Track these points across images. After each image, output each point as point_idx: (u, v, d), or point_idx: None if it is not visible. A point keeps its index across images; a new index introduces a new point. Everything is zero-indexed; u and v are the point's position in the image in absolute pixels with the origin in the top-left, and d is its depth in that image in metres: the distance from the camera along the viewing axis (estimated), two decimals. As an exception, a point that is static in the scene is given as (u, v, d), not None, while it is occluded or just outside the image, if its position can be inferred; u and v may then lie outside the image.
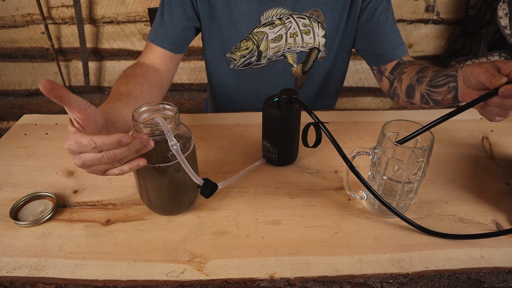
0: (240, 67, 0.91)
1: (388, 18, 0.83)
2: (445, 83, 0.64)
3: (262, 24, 0.84)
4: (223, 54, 0.90)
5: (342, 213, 0.59)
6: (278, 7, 0.82)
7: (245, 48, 0.87)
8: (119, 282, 0.48)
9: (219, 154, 0.73)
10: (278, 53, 0.88)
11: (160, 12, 0.83)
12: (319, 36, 0.86)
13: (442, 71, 0.67)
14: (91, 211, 0.60)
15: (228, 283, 0.48)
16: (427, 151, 0.50)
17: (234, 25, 0.84)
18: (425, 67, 0.74)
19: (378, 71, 0.87)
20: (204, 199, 0.61)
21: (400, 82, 0.79)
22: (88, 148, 0.44)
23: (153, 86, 0.73)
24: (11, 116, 1.84)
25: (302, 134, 0.64)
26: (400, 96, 0.80)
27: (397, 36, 0.84)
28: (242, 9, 0.82)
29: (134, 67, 0.76)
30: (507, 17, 1.36)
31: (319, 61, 0.91)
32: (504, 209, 0.60)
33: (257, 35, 0.85)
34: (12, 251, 0.52)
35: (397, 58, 0.83)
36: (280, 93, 0.62)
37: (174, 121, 0.50)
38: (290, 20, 0.84)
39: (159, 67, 0.82)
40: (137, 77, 0.71)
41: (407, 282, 0.48)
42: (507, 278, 0.49)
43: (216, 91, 1.01)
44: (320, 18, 0.84)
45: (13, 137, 0.78)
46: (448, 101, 0.66)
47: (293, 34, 0.85)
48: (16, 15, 1.52)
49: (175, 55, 0.84)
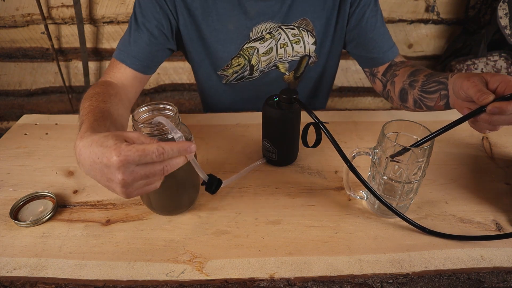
0: (233, 82, 0.90)
1: (377, 22, 0.82)
2: (437, 90, 0.65)
3: (252, 40, 0.83)
4: (214, 73, 0.89)
5: (342, 213, 0.59)
6: (267, 21, 0.81)
7: (237, 65, 0.86)
8: (119, 282, 0.48)
9: (219, 154, 0.73)
10: (269, 65, 0.87)
11: (132, 30, 0.77)
12: (309, 44, 0.86)
13: (433, 76, 0.68)
14: (91, 211, 0.60)
15: (228, 283, 0.48)
16: (427, 151, 0.50)
17: (223, 44, 0.83)
18: (416, 69, 0.74)
19: (371, 73, 0.87)
20: (204, 199, 0.61)
21: (393, 85, 0.79)
22: (153, 155, 0.40)
23: (126, 108, 0.68)
24: (11, 116, 1.83)
25: (302, 134, 0.64)
26: (394, 99, 0.80)
27: (387, 39, 0.83)
28: (230, 27, 0.81)
29: (105, 86, 0.68)
30: (507, 17, 1.36)
31: (310, 66, 0.90)
32: (504, 209, 0.60)
33: (247, 50, 0.84)
34: (12, 251, 0.52)
35: (389, 61, 0.83)
36: (280, 93, 0.62)
37: (174, 121, 0.50)
38: (280, 32, 0.83)
39: (128, 88, 0.75)
40: (111, 96, 0.63)
41: (407, 282, 0.48)
42: (507, 278, 0.49)
43: (209, 104, 1.00)
44: (309, 26, 0.84)
45: (13, 137, 0.78)
46: (440, 107, 0.66)
47: (283, 45, 0.84)
48: (16, 15, 1.52)
49: (145, 76, 0.79)
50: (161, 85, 1.72)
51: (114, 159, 0.40)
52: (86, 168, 0.44)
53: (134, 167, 0.41)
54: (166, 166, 0.42)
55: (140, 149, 0.40)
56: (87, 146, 0.43)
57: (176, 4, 0.77)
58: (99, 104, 0.58)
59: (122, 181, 0.41)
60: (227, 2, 0.79)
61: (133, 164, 0.40)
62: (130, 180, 0.41)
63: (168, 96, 1.77)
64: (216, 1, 0.78)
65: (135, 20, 0.77)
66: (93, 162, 0.42)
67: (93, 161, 0.42)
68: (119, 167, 0.40)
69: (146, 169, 0.41)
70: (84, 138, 0.45)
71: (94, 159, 0.42)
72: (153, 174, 0.42)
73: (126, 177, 0.41)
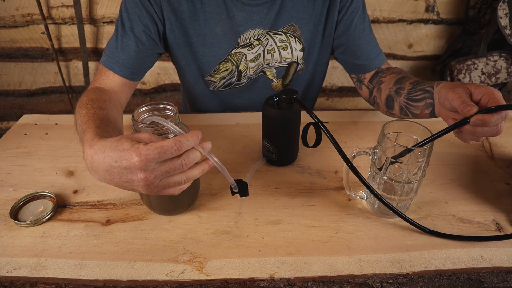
0: (220, 89, 0.89)
1: (365, 29, 0.82)
2: (422, 99, 0.65)
3: (240, 45, 0.82)
4: (201, 78, 0.87)
5: (342, 213, 0.59)
6: (255, 28, 0.81)
7: (224, 70, 0.85)
8: (119, 282, 0.48)
9: (219, 154, 0.73)
10: (257, 71, 0.87)
11: (119, 35, 0.75)
12: (297, 50, 0.85)
13: (419, 84, 0.68)
14: (91, 211, 0.60)
15: (228, 283, 0.48)
16: (427, 151, 0.50)
17: (210, 48, 0.82)
18: (402, 77, 0.74)
19: (357, 79, 0.87)
20: (204, 199, 0.62)
21: (379, 92, 0.79)
22: (172, 149, 0.41)
23: (120, 113, 0.69)
24: (11, 116, 1.83)
25: (302, 134, 0.64)
26: (380, 106, 0.80)
27: (374, 46, 0.83)
28: (218, 32, 0.80)
29: (98, 93, 0.68)
30: (507, 17, 1.36)
31: (298, 74, 0.90)
32: (504, 209, 0.60)
33: (235, 55, 0.83)
34: (12, 251, 0.52)
35: (375, 68, 0.83)
36: (280, 93, 0.62)
37: (174, 121, 0.50)
38: (267, 37, 0.83)
39: (119, 94, 0.75)
40: (106, 102, 0.64)
41: (407, 282, 0.48)
42: (507, 278, 0.49)
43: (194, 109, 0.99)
44: (297, 32, 0.83)
45: (13, 137, 0.78)
46: (426, 116, 0.67)
47: (271, 50, 0.84)
48: (16, 15, 1.52)
49: (133, 83, 0.79)
50: (161, 85, 1.71)
51: (136, 159, 0.41)
52: (100, 173, 0.45)
53: (154, 164, 0.42)
54: (184, 159, 0.43)
55: (158, 147, 0.41)
56: (100, 152, 0.44)
57: (162, 8, 0.76)
58: (97, 111, 0.59)
59: (145, 179, 0.42)
60: (215, 6, 0.78)
61: (154, 162, 0.42)
62: (152, 178, 0.42)
63: (168, 96, 1.77)
64: (204, 5, 0.78)
65: (122, 25, 0.75)
66: (110, 167, 0.43)
67: (110, 165, 0.43)
68: (140, 167, 0.41)
69: (166, 166, 0.43)
70: (93, 145, 0.45)
71: (111, 163, 0.43)
72: (173, 169, 0.43)
73: (148, 175, 0.42)
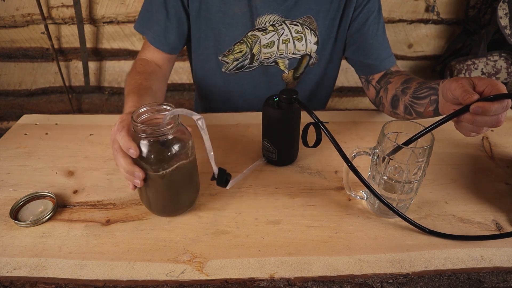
0: (232, 71, 0.90)
1: (378, 30, 0.83)
2: (427, 96, 0.65)
3: (256, 29, 0.84)
4: (215, 57, 0.89)
5: (342, 213, 0.59)
6: (272, 13, 0.82)
7: (238, 51, 0.86)
8: (119, 282, 0.48)
9: (219, 154, 0.73)
10: (269, 59, 0.88)
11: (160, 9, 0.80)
12: (311, 43, 0.86)
13: (426, 83, 0.68)
14: (91, 211, 0.60)
15: (228, 283, 0.48)
16: (427, 151, 0.50)
17: (228, 27, 0.84)
18: (410, 78, 0.75)
19: (366, 80, 0.88)
20: (204, 199, 0.62)
21: (386, 92, 0.80)
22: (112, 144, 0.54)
23: (163, 83, 0.82)
24: (11, 116, 1.83)
25: (302, 134, 0.64)
26: (385, 106, 0.80)
27: (386, 48, 0.84)
28: (237, 11, 0.82)
29: (144, 65, 0.80)
30: (507, 17, 1.36)
31: (310, 68, 0.91)
32: (504, 209, 0.60)
33: (251, 38, 0.85)
34: (12, 251, 0.52)
35: (385, 69, 0.84)
36: (280, 93, 0.62)
37: (174, 121, 0.50)
38: (283, 26, 0.84)
39: (162, 66, 0.85)
40: (151, 74, 0.77)
41: (407, 282, 0.48)
42: (507, 278, 0.49)
43: (203, 95, 1.00)
44: (313, 25, 0.84)
45: (13, 137, 0.78)
46: (429, 113, 0.67)
47: (285, 40, 0.85)
48: (16, 15, 1.52)
49: (173, 56, 0.87)
50: (161, 85, 1.71)
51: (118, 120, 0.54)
52: None
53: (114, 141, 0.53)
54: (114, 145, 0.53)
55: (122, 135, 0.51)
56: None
57: None
58: (142, 82, 0.72)
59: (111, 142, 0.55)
60: None
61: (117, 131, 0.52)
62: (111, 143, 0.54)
63: (168, 96, 1.77)
64: None
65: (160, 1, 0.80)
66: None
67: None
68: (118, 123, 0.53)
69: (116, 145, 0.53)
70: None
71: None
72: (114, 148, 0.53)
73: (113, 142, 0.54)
